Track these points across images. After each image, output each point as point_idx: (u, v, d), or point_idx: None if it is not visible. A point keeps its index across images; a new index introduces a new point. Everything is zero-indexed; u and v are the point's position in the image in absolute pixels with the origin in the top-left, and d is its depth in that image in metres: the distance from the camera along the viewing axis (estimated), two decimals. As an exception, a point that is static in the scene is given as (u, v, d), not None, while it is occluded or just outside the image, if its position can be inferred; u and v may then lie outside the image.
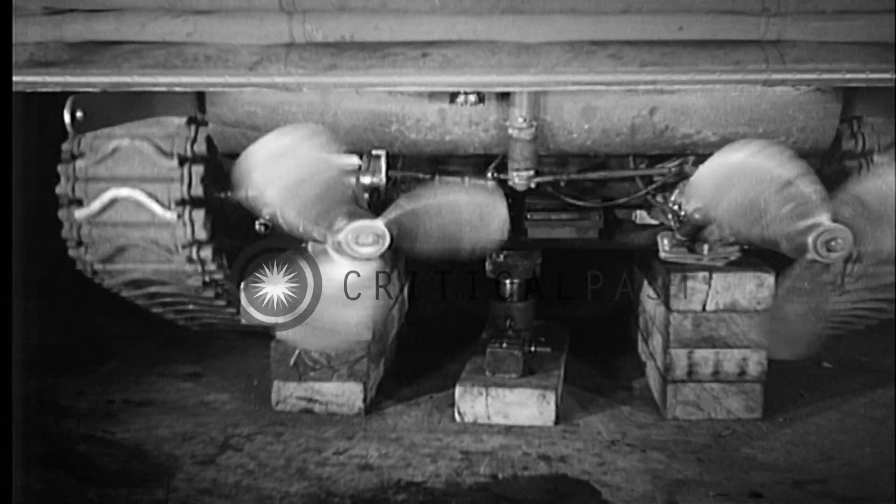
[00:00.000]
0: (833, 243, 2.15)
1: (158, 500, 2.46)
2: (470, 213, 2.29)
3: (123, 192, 2.81)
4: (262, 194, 2.22)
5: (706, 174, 2.16)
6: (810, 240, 2.15)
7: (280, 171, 2.17)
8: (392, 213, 2.25)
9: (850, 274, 2.95)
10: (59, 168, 2.84)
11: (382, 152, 2.69)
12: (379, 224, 2.23)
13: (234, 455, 2.73)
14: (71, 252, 2.95)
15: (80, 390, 3.26)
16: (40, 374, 3.32)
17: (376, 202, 2.72)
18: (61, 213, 2.87)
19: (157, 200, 2.80)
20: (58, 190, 2.85)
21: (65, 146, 2.86)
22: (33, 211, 3.15)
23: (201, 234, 2.82)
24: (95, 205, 2.82)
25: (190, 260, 2.89)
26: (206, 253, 2.89)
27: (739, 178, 2.11)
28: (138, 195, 2.80)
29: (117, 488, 2.52)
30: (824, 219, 2.15)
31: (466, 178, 2.95)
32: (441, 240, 2.29)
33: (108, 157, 2.81)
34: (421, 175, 3.05)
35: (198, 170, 2.82)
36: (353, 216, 2.24)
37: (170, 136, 2.81)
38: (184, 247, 2.85)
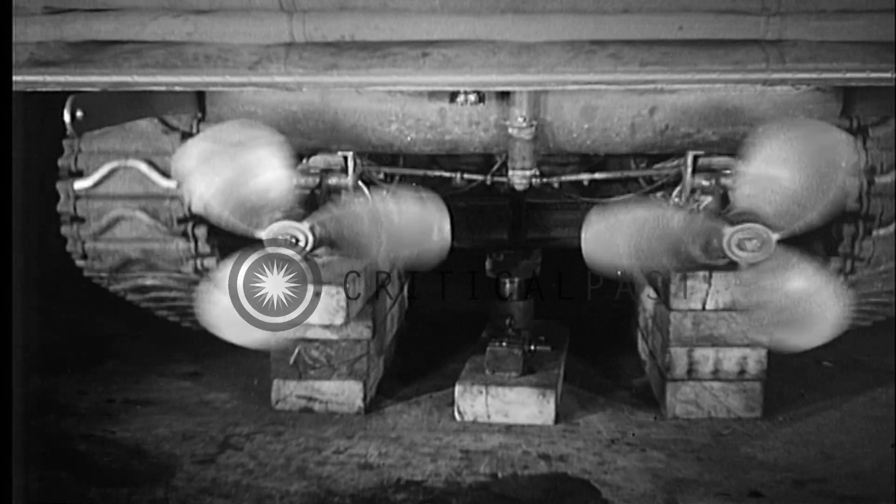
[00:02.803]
0: (747, 244, 2.27)
1: (158, 500, 2.46)
2: (409, 223, 2.33)
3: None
4: (196, 189, 2.27)
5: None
6: (726, 248, 2.28)
7: (214, 169, 2.21)
8: (319, 216, 2.29)
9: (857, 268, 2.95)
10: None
11: (349, 153, 2.70)
12: (300, 225, 2.26)
13: (234, 454, 2.73)
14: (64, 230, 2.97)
15: (80, 390, 3.27)
16: (40, 374, 3.32)
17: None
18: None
19: (158, 169, 2.83)
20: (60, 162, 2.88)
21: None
22: (33, 211, 3.15)
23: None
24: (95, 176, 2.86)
25: (184, 235, 2.91)
26: (201, 231, 2.91)
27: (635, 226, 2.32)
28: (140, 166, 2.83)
29: (117, 487, 2.53)
30: (726, 228, 2.29)
31: (412, 188, 2.96)
32: (376, 246, 2.34)
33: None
34: (420, 172, 3.06)
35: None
36: (285, 216, 2.27)
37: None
38: (179, 222, 2.87)
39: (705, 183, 2.61)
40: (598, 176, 3.06)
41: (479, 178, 3.01)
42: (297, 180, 2.64)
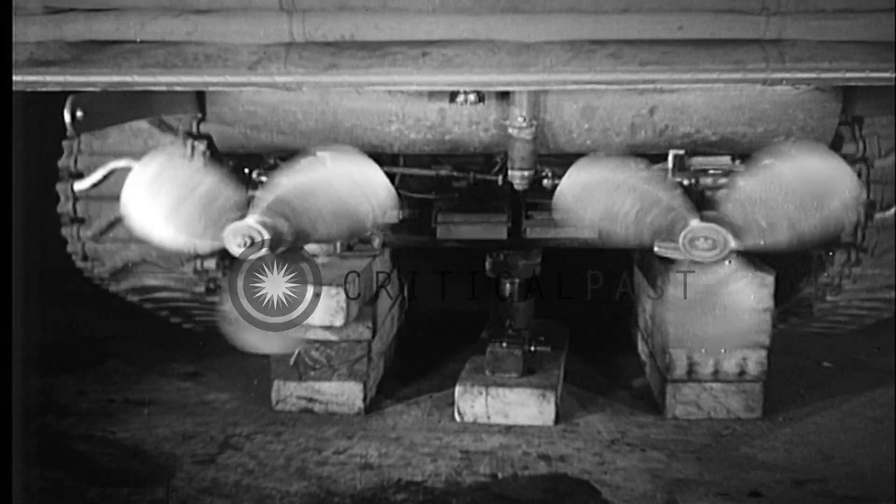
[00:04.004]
0: (698, 242, 2.26)
1: (158, 500, 2.46)
2: (343, 185, 2.26)
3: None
4: (145, 223, 2.27)
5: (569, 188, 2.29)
6: (680, 240, 2.26)
7: (157, 197, 2.20)
8: (260, 206, 2.25)
9: (849, 276, 2.96)
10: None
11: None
12: (249, 222, 2.24)
13: (234, 454, 2.73)
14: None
15: (80, 390, 3.27)
16: (40, 374, 3.32)
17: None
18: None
19: None
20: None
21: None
22: (33, 211, 3.15)
23: None
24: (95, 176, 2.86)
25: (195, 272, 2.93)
26: (210, 263, 2.93)
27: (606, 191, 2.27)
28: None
29: (117, 488, 2.53)
30: (693, 221, 2.26)
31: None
32: (329, 218, 2.28)
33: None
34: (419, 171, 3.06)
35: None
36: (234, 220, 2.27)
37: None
38: (188, 260, 2.89)
39: (686, 182, 2.61)
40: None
41: (490, 177, 3.01)
42: (247, 190, 2.63)
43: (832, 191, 2.19)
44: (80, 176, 2.87)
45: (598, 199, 2.28)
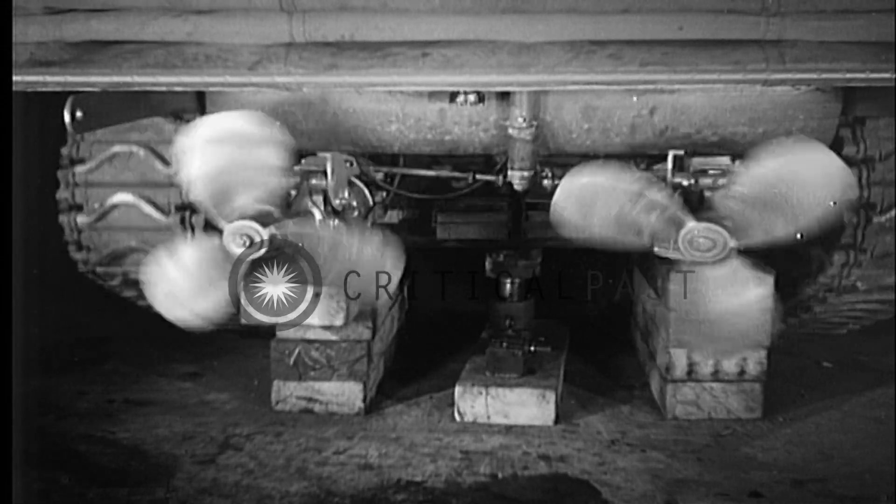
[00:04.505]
0: (698, 242, 2.27)
1: (158, 500, 2.46)
2: (364, 262, 2.39)
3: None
4: (187, 168, 2.29)
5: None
6: (679, 241, 2.28)
7: (208, 153, 2.22)
8: (284, 227, 2.36)
9: (848, 277, 2.96)
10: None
11: (328, 155, 2.71)
12: (259, 228, 2.28)
13: (234, 455, 2.73)
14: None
15: (80, 390, 3.27)
16: (40, 374, 3.32)
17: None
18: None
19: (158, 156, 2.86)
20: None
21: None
22: (33, 210, 3.15)
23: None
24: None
25: (182, 223, 2.92)
26: (198, 220, 2.92)
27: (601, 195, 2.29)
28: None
29: (117, 488, 2.52)
30: (689, 223, 2.29)
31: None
32: (325, 273, 2.41)
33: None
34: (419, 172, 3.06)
35: None
36: (257, 215, 2.30)
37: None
38: (178, 209, 2.89)
39: (685, 182, 2.61)
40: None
41: (491, 178, 3.01)
42: (280, 181, 2.64)
43: (826, 185, 2.19)
44: (81, 162, 2.87)
45: (594, 207, 2.29)
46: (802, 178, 2.19)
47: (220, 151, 2.26)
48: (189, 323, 2.48)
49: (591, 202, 2.29)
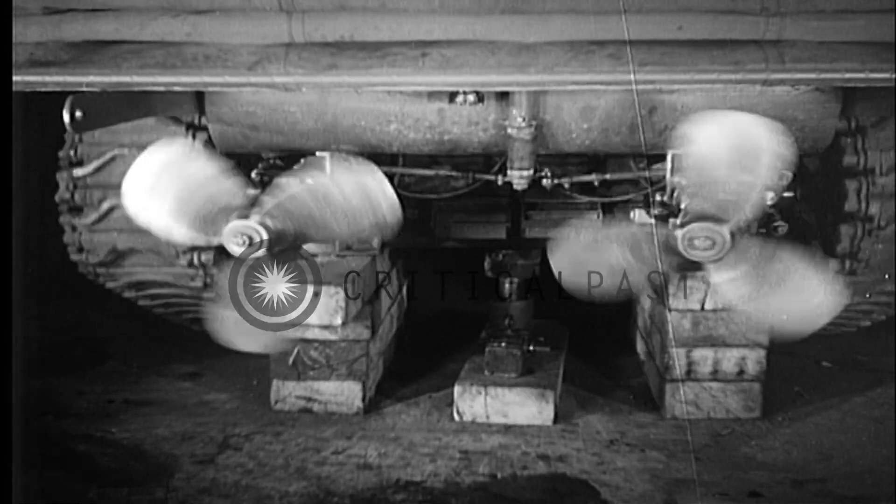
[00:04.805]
0: (697, 241, 2.24)
1: (158, 500, 2.46)
2: (349, 196, 2.27)
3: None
4: (145, 214, 2.26)
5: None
6: (679, 241, 2.24)
7: (159, 189, 2.21)
8: (264, 208, 2.26)
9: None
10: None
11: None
12: (249, 223, 2.24)
13: (234, 454, 2.73)
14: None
15: (80, 390, 3.27)
16: (40, 374, 3.32)
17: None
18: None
19: None
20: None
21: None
22: (33, 211, 3.15)
23: None
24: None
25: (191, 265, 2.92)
26: (208, 257, 2.92)
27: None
28: None
29: (117, 488, 2.53)
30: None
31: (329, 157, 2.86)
32: (329, 223, 2.29)
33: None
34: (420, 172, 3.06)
35: None
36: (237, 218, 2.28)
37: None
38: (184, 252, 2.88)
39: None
40: (598, 178, 3.06)
41: (490, 177, 3.01)
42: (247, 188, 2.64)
43: (759, 147, 2.15)
44: (80, 164, 2.88)
45: (593, 260, 2.31)
46: (731, 142, 2.15)
47: (174, 180, 2.24)
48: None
49: (583, 259, 2.35)
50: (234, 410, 3.10)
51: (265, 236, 2.27)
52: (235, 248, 2.29)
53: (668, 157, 2.66)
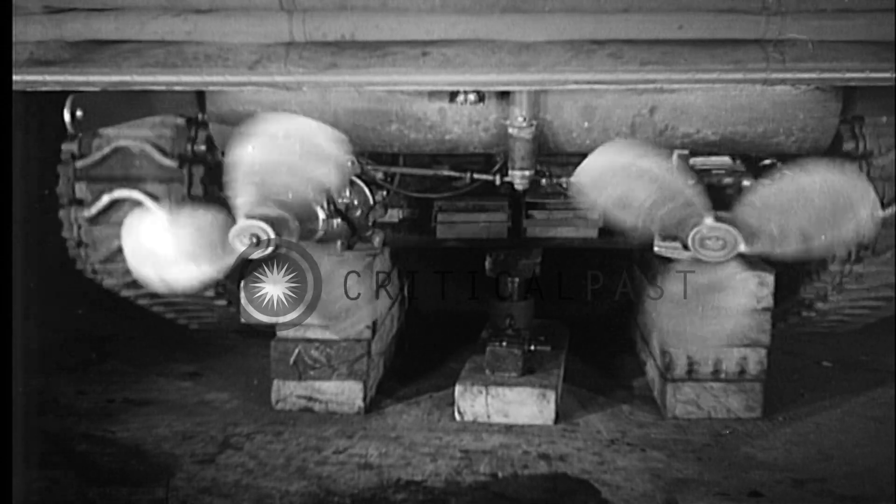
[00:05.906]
0: (709, 241, 2.23)
1: (158, 500, 2.46)
2: (300, 154, 2.25)
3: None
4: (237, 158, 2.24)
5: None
6: (690, 237, 2.24)
7: (266, 147, 2.20)
8: (244, 206, 2.27)
9: (849, 274, 2.96)
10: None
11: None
12: (253, 221, 2.24)
13: (234, 454, 2.73)
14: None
15: (80, 390, 3.27)
16: (40, 374, 3.32)
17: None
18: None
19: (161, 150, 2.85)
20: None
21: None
22: (33, 211, 3.15)
23: None
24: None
25: None
26: None
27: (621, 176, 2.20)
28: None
29: (117, 487, 2.53)
30: (708, 219, 2.23)
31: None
32: (296, 187, 2.29)
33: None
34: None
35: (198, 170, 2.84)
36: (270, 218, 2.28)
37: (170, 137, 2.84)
38: None
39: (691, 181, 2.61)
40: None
41: (491, 177, 3.01)
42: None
43: (850, 208, 2.15)
44: (82, 157, 2.87)
45: (616, 183, 2.24)
46: (827, 198, 2.15)
47: (282, 148, 2.22)
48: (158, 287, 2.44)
49: (613, 179, 2.21)
50: (235, 410, 3.10)
51: (272, 234, 2.27)
52: (240, 246, 2.29)
53: (673, 157, 2.67)
